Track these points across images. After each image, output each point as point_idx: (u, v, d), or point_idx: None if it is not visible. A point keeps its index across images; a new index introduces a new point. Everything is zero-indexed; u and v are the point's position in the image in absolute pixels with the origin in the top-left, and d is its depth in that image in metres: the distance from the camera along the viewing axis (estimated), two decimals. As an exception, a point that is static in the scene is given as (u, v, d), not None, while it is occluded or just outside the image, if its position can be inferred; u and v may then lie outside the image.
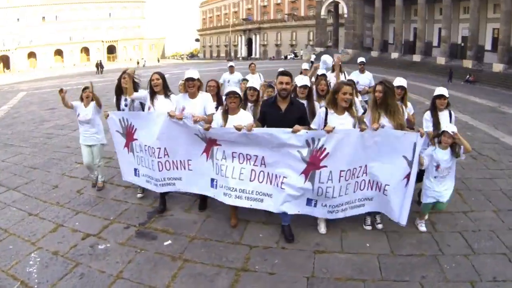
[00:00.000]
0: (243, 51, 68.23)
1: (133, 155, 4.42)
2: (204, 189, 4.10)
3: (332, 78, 7.02)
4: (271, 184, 3.68)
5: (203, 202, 4.55)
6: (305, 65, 7.16)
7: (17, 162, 6.50)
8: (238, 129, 3.57)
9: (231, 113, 3.88)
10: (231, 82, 7.55)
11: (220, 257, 3.57)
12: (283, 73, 3.70)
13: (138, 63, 51.25)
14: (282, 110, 3.69)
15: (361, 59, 7.22)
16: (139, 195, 4.90)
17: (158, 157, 4.10)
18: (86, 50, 69.67)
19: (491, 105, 11.21)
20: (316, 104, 4.36)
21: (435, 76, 23.34)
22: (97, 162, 5.10)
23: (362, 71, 6.98)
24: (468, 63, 23.80)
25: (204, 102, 4.21)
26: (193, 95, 4.17)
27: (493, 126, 8.68)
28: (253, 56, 64.28)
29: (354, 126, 3.61)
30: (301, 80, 4.33)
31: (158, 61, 64.99)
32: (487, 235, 3.92)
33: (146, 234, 4.09)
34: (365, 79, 6.88)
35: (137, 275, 3.29)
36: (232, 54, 68.60)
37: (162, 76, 4.35)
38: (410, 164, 3.53)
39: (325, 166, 3.49)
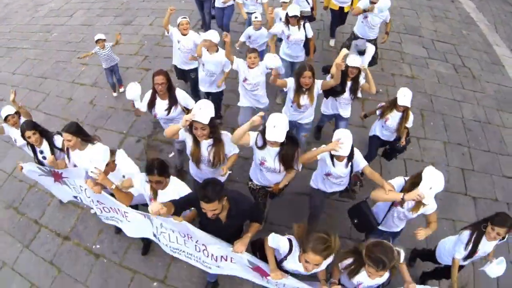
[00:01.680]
0: None
1: (68, 187, 3.52)
2: (147, 235, 3.16)
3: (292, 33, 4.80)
4: (216, 261, 2.85)
5: (146, 246, 3.92)
6: None
7: (27, 72, 6.92)
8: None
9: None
10: None
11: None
12: (204, 198, 2.28)
13: None
14: (222, 221, 2.61)
15: None
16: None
17: (94, 203, 3.28)
18: None
19: (505, -10, 10.27)
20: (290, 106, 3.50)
21: None
22: None
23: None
24: None
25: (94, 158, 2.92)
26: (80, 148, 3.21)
27: (494, 25, 8.31)
28: None
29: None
30: (271, 134, 2.78)
31: None
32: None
33: (154, 146, 5.05)
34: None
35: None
36: None
37: (75, 132, 3.17)
38: None
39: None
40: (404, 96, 3.62)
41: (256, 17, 5.17)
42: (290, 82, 3.83)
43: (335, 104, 4.24)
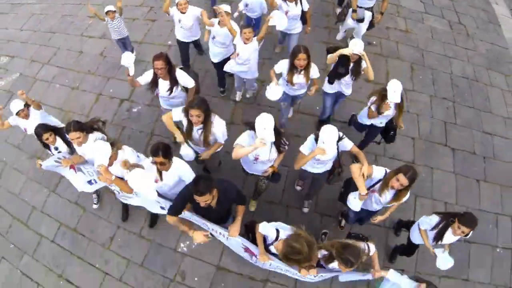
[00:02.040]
0: None
1: (83, 172, 3.81)
2: (156, 211, 3.70)
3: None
4: (216, 233, 3.35)
5: (125, 210, 4.41)
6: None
7: (35, 28, 7.00)
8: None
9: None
10: None
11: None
12: (197, 192, 2.65)
13: None
14: (213, 207, 2.93)
15: None
16: (94, 206, 4.58)
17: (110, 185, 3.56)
18: None
19: None
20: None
21: None
22: None
23: None
24: None
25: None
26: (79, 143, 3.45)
27: (496, -19, 7.92)
28: None
29: None
30: (264, 136, 3.00)
31: None
32: (410, 118, 4.86)
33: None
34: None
35: (164, 131, 4.66)
36: None
37: (79, 128, 3.36)
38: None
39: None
40: (394, 92, 3.51)
41: None
42: (283, 65, 3.96)
43: (337, 84, 4.33)
